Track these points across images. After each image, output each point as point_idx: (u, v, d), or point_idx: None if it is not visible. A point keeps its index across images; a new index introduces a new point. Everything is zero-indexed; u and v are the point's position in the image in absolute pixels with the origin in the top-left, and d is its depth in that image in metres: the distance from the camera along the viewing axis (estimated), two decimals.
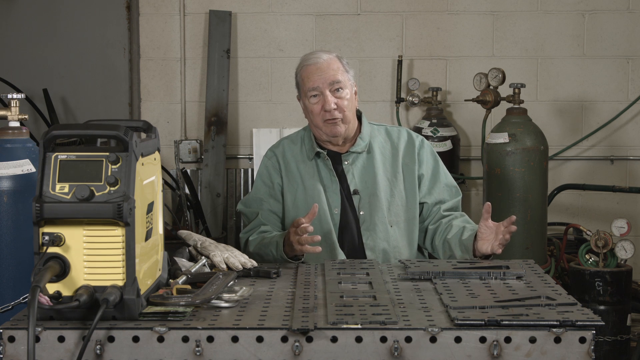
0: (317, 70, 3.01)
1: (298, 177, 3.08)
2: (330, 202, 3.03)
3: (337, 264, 2.63)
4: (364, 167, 3.07)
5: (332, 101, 2.98)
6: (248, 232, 3.05)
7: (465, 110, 5.35)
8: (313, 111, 3.02)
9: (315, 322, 1.93)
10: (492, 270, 2.41)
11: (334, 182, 3.04)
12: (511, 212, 4.28)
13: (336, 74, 3.00)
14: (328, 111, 2.98)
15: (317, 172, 3.06)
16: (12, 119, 2.73)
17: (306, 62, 3.05)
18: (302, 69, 3.06)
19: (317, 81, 2.99)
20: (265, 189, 3.11)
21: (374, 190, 3.03)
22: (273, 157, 3.14)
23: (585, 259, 4.16)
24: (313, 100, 3.02)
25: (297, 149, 3.12)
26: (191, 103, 5.43)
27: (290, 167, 3.10)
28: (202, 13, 5.38)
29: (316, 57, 3.04)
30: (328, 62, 3.02)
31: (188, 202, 5.04)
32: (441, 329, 1.90)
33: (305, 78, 3.03)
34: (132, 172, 1.93)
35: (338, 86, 3.00)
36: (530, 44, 5.37)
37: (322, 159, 3.07)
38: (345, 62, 3.06)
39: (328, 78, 2.99)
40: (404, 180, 3.07)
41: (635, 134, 5.42)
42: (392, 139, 3.12)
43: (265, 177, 3.12)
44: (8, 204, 2.60)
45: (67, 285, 1.92)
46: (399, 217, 3.04)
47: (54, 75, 5.50)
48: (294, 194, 3.07)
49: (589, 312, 2.00)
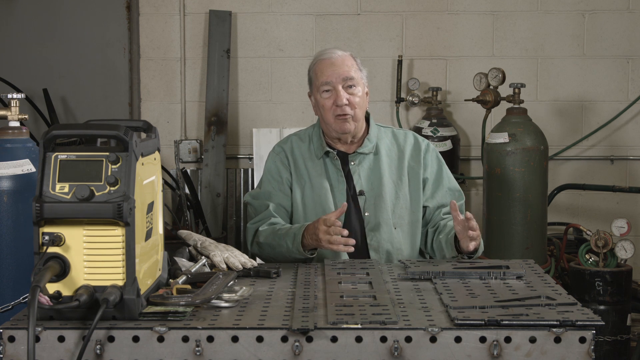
0: (331, 65, 3.01)
1: (306, 175, 3.07)
2: (336, 202, 3.02)
3: (337, 263, 2.63)
4: (370, 168, 3.06)
5: (344, 96, 2.97)
6: (257, 223, 3.03)
7: (465, 110, 5.35)
8: (324, 106, 3.01)
9: (315, 322, 1.93)
10: (492, 270, 2.41)
11: (341, 182, 3.04)
12: (511, 212, 4.29)
13: (350, 70, 3.00)
14: (339, 106, 2.97)
15: (324, 171, 3.06)
16: (12, 119, 2.73)
17: (320, 56, 3.06)
18: (315, 64, 3.06)
19: (331, 76, 2.99)
20: (274, 183, 3.09)
21: (379, 192, 3.03)
22: (282, 152, 3.13)
23: (585, 259, 4.16)
24: (325, 95, 3.01)
25: (305, 147, 3.12)
26: (191, 103, 5.43)
27: (298, 164, 3.09)
28: (202, 13, 5.38)
29: (330, 52, 3.04)
30: (342, 58, 3.02)
31: (188, 202, 5.04)
32: (441, 328, 1.90)
33: (319, 72, 3.02)
34: (132, 172, 1.93)
35: (351, 83, 2.99)
36: (530, 44, 5.37)
37: (331, 158, 3.06)
38: (359, 62, 3.07)
39: (342, 73, 2.99)
40: (409, 183, 3.07)
41: (635, 134, 5.41)
42: (398, 141, 3.12)
43: (274, 172, 3.11)
44: (8, 204, 2.60)
45: (67, 285, 1.92)
46: (402, 220, 3.04)
47: (54, 75, 5.50)
48: (302, 190, 3.06)
49: (589, 312, 2.00)
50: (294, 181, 3.08)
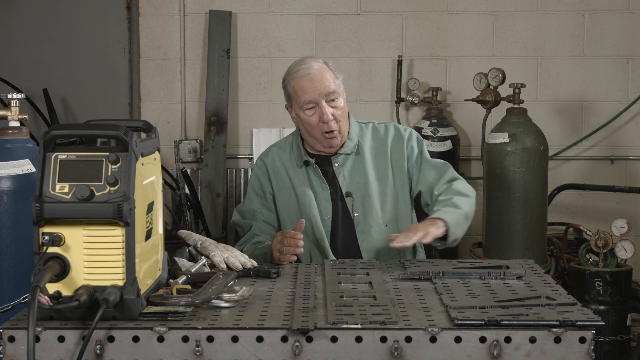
0: (310, 82, 2.98)
1: (289, 184, 3.07)
2: (321, 209, 3.02)
3: (337, 263, 2.63)
4: (353, 168, 3.06)
5: (329, 112, 2.97)
6: (243, 245, 3.06)
7: (465, 110, 5.35)
8: (311, 123, 3.00)
9: (315, 322, 1.93)
10: (492, 270, 2.41)
11: (325, 189, 3.03)
12: (511, 212, 4.29)
13: (330, 84, 2.98)
14: (326, 122, 2.97)
15: (307, 179, 3.06)
16: (12, 119, 2.73)
17: (297, 73, 3.01)
18: (293, 81, 3.02)
19: (313, 93, 2.97)
20: (257, 199, 3.11)
21: (366, 191, 3.02)
22: (263, 166, 3.14)
23: (585, 259, 4.16)
24: (309, 113, 3.00)
25: (286, 156, 3.11)
26: (191, 103, 5.43)
27: (281, 175, 3.09)
28: (202, 13, 5.38)
29: (307, 68, 3.00)
30: (320, 72, 2.99)
31: (188, 202, 5.04)
32: (441, 329, 1.90)
33: (300, 91, 3.00)
34: (132, 172, 1.93)
35: (333, 97, 2.99)
36: (530, 44, 5.37)
37: (311, 166, 3.06)
38: (333, 68, 3.05)
39: (324, 89, 2.97)
40: (394, 177, 3.06)
41: (635, 134, 5.41)
42: (379, 136, 3.11)
43: (256, 187, 3.13)
44: (8, 204, 2.60)
45: (67, 285, 1.92)
46: (392, 215, 3.03)
47: (54, 75, 5.50)
48: (287, 202, 3.07)
49: (589, 312, 2.00)
50: (277, 193, 3.09)
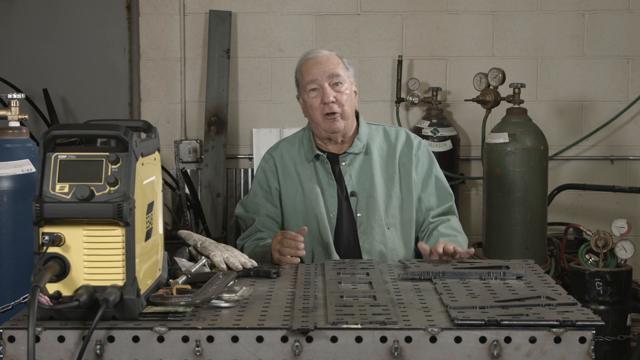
0: (316, 64, 3.00)
1: (296, 180, 3.06)
2: (327, 206, 3.01)
3: (337, 263, 2.62)
4: (361, 168, 3.05)
5: (331, 94, 2.96)
6: (244, 239, 3.05)
7: (465, 110, 5.35)
8: (312, 105, 3.00)
9: (315, 322, 1.93)
10: (492, 270, 2.41)
11: (332, 186, 3.03)
12: (511, 212, 4.30)
13: (336, 67, 3.00)
14: (327, 104, 2.96)
15: (315, 175, 3.05)
16: (12, 119, 2.73)
17: (306, 57, 3.06)
18: (301, 65, 3.06)
19: (316, 74, 2.98)
20: (262, 193, 3.10)
21: (371, 192, 3.02)
22: (270, 160, 3.12)
23: (585, 259, 4.16)
24: (312, 95, 3.00)
25: (295, 151, 3.10)
26: (191, 103, 5.43)
27: (289, 170, 3.08)
28: (202, 13, 5.38)
29: (316, 52, 3.05)
30: (327, 57, 3.02)
31: (188, 202, 5.04)
32: (441, 329, 1.90)
33: (305, 72, 3.02)
34: (132, 172, 1.93)
35: (337, 80, 2.98)
36: (530, 44, 5.37)
37: (321, 161, 3.05)
38: (345, 61, 3.06)
39: (327, 71, 2.98)
40: (401, 182, 3.05)
41: (635, 134, 5.41)
42: (389, 139, 3.11)
43: (262, 181, 3.11)
44: (8, 204, 2.60)
45: (67, 285, 1.92)
46: (395, 219, 3.02)
47: (54, 75, 5.50)
48: (293, 198, 3.05)
49: (589, 312, 2.00)
50: (284, 189, 3.07)
